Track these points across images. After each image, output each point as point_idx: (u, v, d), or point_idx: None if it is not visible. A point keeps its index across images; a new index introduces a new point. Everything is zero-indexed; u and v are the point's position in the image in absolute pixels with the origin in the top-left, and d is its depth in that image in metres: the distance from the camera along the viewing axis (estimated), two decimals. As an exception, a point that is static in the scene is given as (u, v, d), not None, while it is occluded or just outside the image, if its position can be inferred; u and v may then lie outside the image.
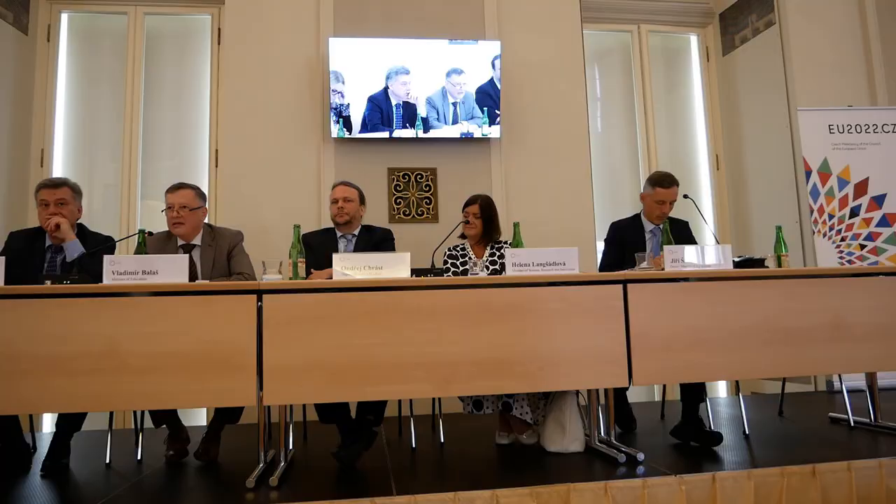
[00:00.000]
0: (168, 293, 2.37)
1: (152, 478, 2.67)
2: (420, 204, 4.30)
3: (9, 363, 2.27)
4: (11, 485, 2.60)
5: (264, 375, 2.35)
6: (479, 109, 4.26)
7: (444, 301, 2.48)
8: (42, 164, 4.64)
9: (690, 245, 2.95)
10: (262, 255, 3.29)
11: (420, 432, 3.15)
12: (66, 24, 4.86)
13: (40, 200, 2.96)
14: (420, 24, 4.39)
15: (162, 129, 4.83)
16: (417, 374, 2.42)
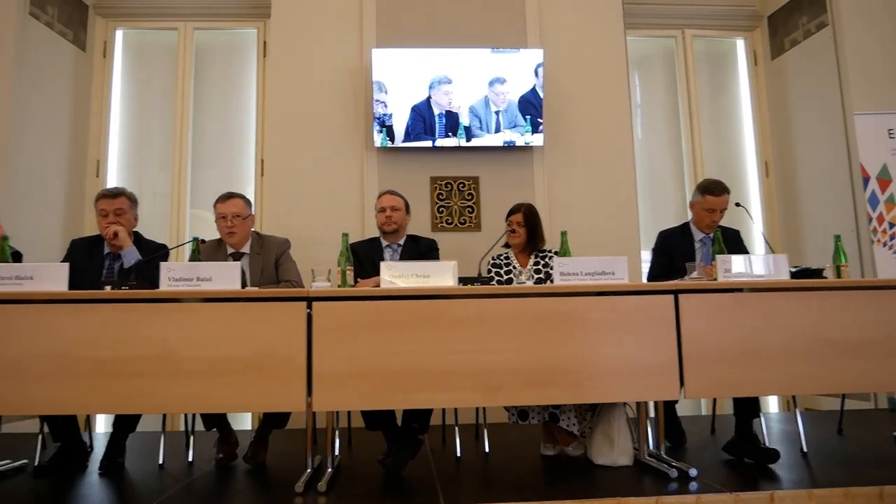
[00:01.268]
0: (221, 299, 2.42)
1: (203, 480, 2.72)
2: (462, 212, 4.30)
3: (72, 364, 2.35)
4: (71, 482, 2.68)
5: (313, 382, 2.37)
6: (521, 118, 4.26)
7: (491, 310, 2.47)
8: (98, 175, 4.80)
9: (744, 254, 2.88)
10: (306, 263, 3.36)
11: (464, 441, 3.14)
12: (121, 40, 5.03)
13: (100, 210, 3.06)
14: (462, 34, 4.42)
15: (210, 140, 4.95)
16: (464, 383, 2.42)
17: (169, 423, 3.20)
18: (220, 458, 2.94)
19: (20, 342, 2.37)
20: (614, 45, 4.56)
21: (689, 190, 4.95)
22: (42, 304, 2.42)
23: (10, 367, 2.35)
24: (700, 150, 5.05)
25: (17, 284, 2.46)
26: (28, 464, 2.94)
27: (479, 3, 4.48)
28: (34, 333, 2.39)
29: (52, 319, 2.40)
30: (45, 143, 4.45)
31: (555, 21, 4.52)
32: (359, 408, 2.66)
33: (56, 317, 2.40)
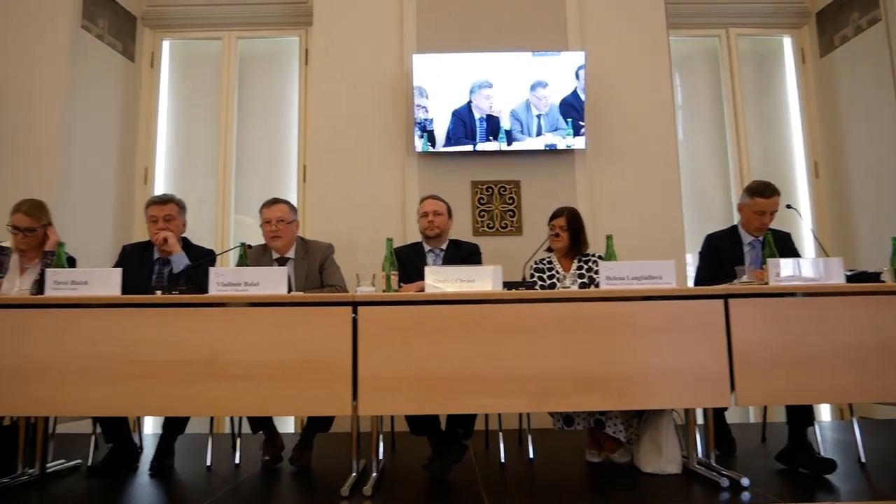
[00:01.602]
0: (268, 304, 2.45)
1: (250, 482, 2.75)
2: (504, 217, 4.28)
3: (124, 368, 2.40)
4: (123, 482, 2.75)
5: (359, 386, 2.38)
6: (563, 121, 4.22)
7: (536, 315, 2.45)
8: (146, 182, 4.92)
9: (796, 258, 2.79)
10: (348, 268, 3.39)
11: (507, 447, 3.11)
12: (168, 50, 5.15)
13: (150, 216, 3.14)
14: (502, 38, 4.40)
15: (253, 147, 5.03)
16: (511, 389, 2.40)
17: (216, 425, 3.25)
18: (266, 460, 2.98)
19: (75, 345, 2.44)
20: (657, 46, 4.50)
21: (734, 192, 4.84)
22: (96, 308, 2.49)
23: (65, 369, 2.42)
24: (746, 151, 4.94)
25: (73, 289, 2.53)
26: (82, 464, 3.03)
27: (519, 7, 4.46)
28: (88, 337, 2.45)
29: (106, 323, 2.46)
30: (96, 151, 4.58)
31: (596, 23, 4.48)
32: (404, 412, 2.66)
33: (109, 321, 2.46)
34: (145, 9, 5.09)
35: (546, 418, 3.11)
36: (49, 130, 4.30)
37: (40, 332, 2.46)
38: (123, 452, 2.98)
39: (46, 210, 3.17)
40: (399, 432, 3.44)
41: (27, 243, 3.10)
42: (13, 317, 2.47)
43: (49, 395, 2.43)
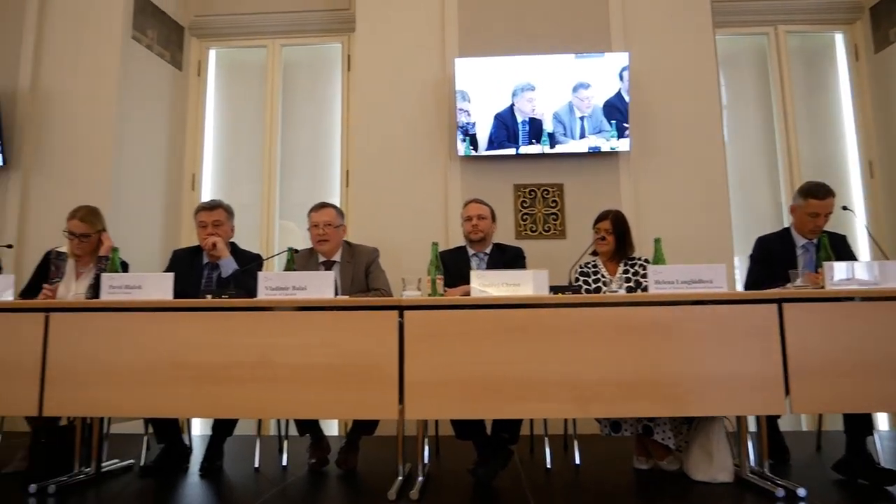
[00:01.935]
0: (316, 308, 2.47)
1: (298, 484, 2.78)
2: (547, 220, 4.25)
3: (176, 370, 2.46)
4: (174, 483, 2.81)
5: (405, 390, 2.39)
6: (606, 123, 4.17)
7: (583, 319, 2.42)
8: (193, 188, 5.03)
9: (852, 261, 2.70)
10: (391, 272, 3.40)
11: (553, 452, 3.08)
12: (214, 59, 5.27)
13: (199, 221, 3.21)
14: (545, 41, 4.37)
15: (297, 152, 5.10)
16: (558, 394, 2.38)
17: (262, 427, 3.29)
18: (312, 462, 3.01)
19: (129, 348, 2.51)
20: (703, 46, 4.41)
21: (784, 193, 4.72)
22: (149, 312, 2.55)
23: (119, 371, 2.48)
24: (796, 151, 4.80)
25: (127, 293, 2.60)
26: (135, 464, 3.10)
27: (561, 9, 4.43)
28: (141, 340, 2.51)
29: (158, 326, 2.52)
30: (146, 158, 4.70)
31: (640, 24, 4.41)
32: (450, 417, 2.66)
33: (162, 324, 2.52)
34: (192, 19, 5.22)
35: (592, 424, 3.07)
36: (102, 139, 4.44)
37: (96, 335, 2.53)
38: (174, 453, 3.04)
39: (101, 216, 3.27)
40: (443, 436, 3.44)
41: (82, 248, 3.20)
42: (70, 320, 2.55)
43: (104, 397, 2.50)
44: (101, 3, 4.55)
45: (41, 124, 4.51)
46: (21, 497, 2.49)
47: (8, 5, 4.59)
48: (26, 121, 4.49)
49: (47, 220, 4.33)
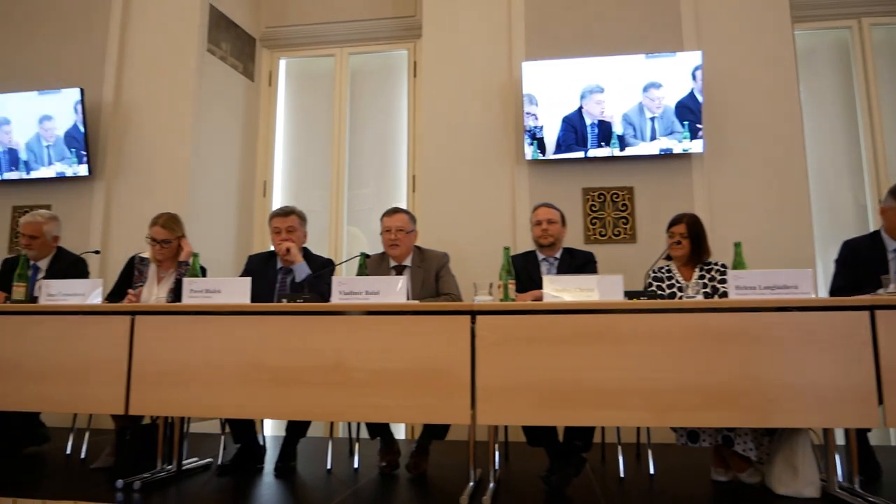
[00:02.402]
0: (389, 312, 2.49)
1: (369, 487, 2.81)
2: (616, 224, 4.17)
3: (253, 372, 2.52)
4: (250, 482, 2.88)
5: (477, 395, 2.38)
6: (678, 124, 4.06)
7: (660, 325, 2.35)
8: (265, 195, 5.18)
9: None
10: (458, 277, 3.40)
11: (626, 461, 3.01)
12: (284, 69, 5.41)
13: (273, 227, 3.29)
14: (613, 41, 4.30)
15: (364, 159, 5.18)
16: (633, 402, 2.32)
17: (334, 429, 3.34)
18: (383, 466, 3.03)
19: (208, 350, 2.58)
20: (781, 42, 4.24)
21: (869, 195, 4.48)
22: (228, 316, 2.62)
23: (199, 373, 2.56)
24: (883, 150, 4.55)
25: (207, 297, 2.68)
26: (212, 462, 3.19)
27: (630, 9, 4.35)
28: (220, 343, 2.59)
29: (237, 330, 2.59)
30: (220, 166, 4.87)
31: (713, 21, 4.28)
32: (523, 423, 2.63)
33: (240, 327, 2.59)
34: (263, 30, 5.37)
35: (666, 433, 2.99)
36: (179, 148, 4.62)
37: (178, 337, 2.62)
38: (250, 453, 3.12)
39: (180, 223, 3.39)
40: (512, 442, 3.41)
41: (163, 254, 3.33)
42: (154, 323, 2.65)
43: (185, 397, 2.58)
44: (179, 18, 4.75)
45: (123, 136, 4.73)
46: (109, 491, 2.61)
47: (93, 23, 4.84)
48: (109, 132, 4.71)
49: (129, 227, 4.54)
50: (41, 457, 3.39)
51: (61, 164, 4.66)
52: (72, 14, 4.90)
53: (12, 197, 4.84)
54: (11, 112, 4.72)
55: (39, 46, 4.91)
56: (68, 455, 3.37)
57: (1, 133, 4.74)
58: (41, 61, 4.86)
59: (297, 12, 5.32)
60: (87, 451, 3.34)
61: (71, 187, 4.73)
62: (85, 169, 4.61)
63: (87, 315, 2.74)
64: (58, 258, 3.61)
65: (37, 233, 3.52)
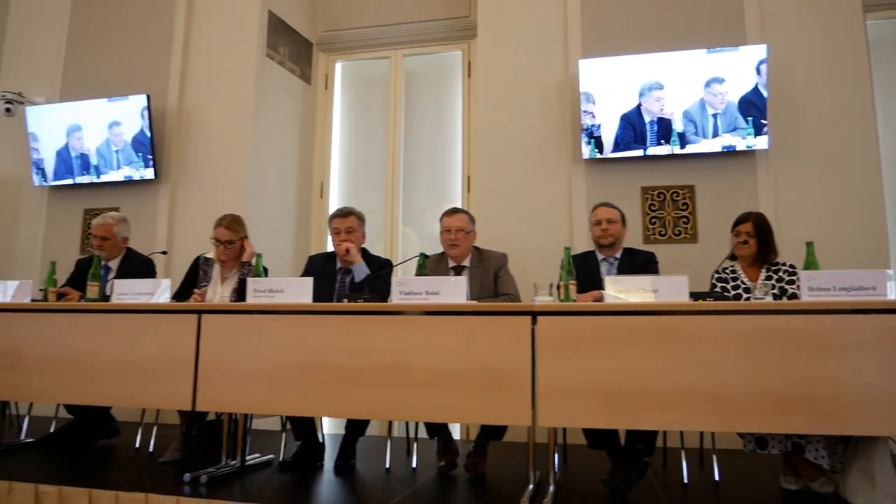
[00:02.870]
0: (448, 313, 2.49)
1: (428, 486, 2.82)
2: (677, 223, 4.07)
3: (315, 371, 2.56)
4: (311, 478, 2.94)
5: (538, 396, 2.35)
6: (742, 119, 3.94)
7: (728, 327, 2.28)
8: (321, 196, 5.26)
9: None
10: (516, 278, 3.37)
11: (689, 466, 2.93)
12: (340, 72, 5.49)
13: (333, 228, 3.34)
14: (673, 37, 4.19)
15: (419, 159, 5.21)
16: (699, 405, 2.26)
17: (392, 428, 3.37)
18: (441, 466, 3.03)
19: (271, 349, 2.64)
20: (852, 32, 4.06)
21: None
22: (290, 315, 2.67)
23: (262, 370, 2.62)
24: (963, 145, 4.32)
25: (270, 297, 2.74)
26: (274, 458, 3.25)
27: (690, 3, 4.23)
28: (283, 342, 2.64)
29: (299, 329, 2.64)
30: (278, 168, 4.97)
31: (779, 12, 4.13)
32: (585, 425, 2.59)
33: (302, 327, 2.64)
34: (320, 34, 5.46)
35: (732, 438, 2.91)
36: (239, 151, 4.74)
37: (242, 336, 2.69)
38: (310, 450, 3.17)
39: (243, 224, 3.47)
40: (571, 444, 3.36)
41: (227, 254, 3.41)
42: (220, 321, 2.73)
43: (249, 394, 2.64)
44: (239, 25, 4.87)
45: (186, 140, 4.88)
46: (177, 485, 2.68)
47: (158, 33, 5.01)
48: (174, 137, 4.87)
49: (192, 228, 4.68)
50: (112, 450, 3.53)
51: (129, 167, 4.83)
52: (138, 24, 5.08)
53: (83, 200, 5.05)
54: (83, 119, 4.92)
55: (109, 56, 5.10)
56: (137, 448, 3.49)
57: (73, 139, 4.95)
58: (110, 70, 5.06)
59: (353, 16, 5.39)
60: (154, 445, 3.45)
61: (138, 190, 4.91)
62: (151, 172, 4.77)
63: (156, 314, 2.83)
64: (127, 258, 3.74)
65: (108, 234, 3.66)
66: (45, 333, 2.94)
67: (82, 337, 2.89)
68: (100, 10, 5.21)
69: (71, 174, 4.99)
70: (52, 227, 5.09)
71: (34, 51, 5.38)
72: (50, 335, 2.93)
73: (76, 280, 3.64)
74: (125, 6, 5.15)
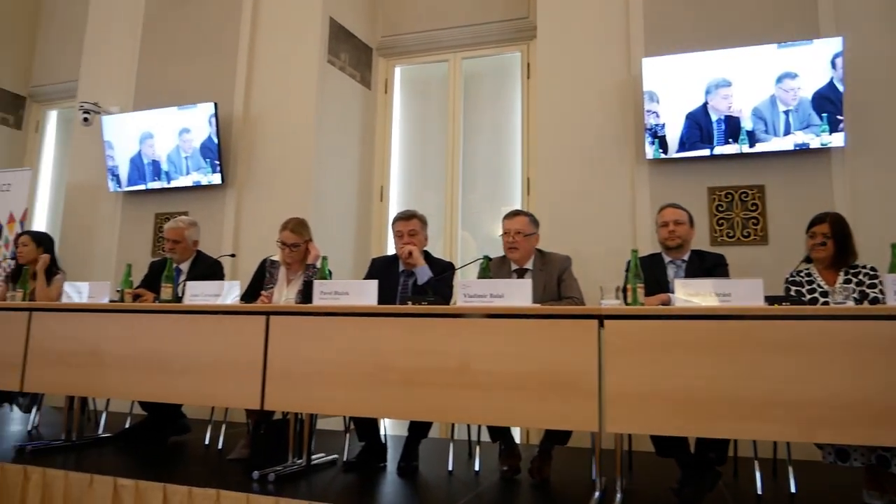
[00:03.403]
0: (514, 316, 2.47)
1: (492, 490, 2.80)
2: (746, 225, 3.94)
3: (380, 372, 2.57)
4: (374, 479, 2.96)
5: (605, 402, 2.31)
6: (815, 116, 3.78)
7: (806, 333, 2.18)
8: (381, 199, 5.32)
9: None
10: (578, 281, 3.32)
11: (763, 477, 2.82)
12: (399, 76, 5.55)
13: (396, 231, 3.37)
14: (741, 32, 4.06)
15: (478, 162, 5.20)
16: (776, 414, 2.17)
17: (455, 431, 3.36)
18: (504, 470, 3.01)
19: (337, 350, 2.67)
20: (936, 22, 3.85)
21: None
22: (356, 317, 2.70)
23: (327, 371, 2.65)
24: None
25: (336, 299, 2.77)
26: (338, 458, 3.29)
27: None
28: (349, 343, 2.67)
29: (364, 331, 2.66)
30: (340, 172, 5.05)
31: (854, 3, 3.94)
32: (655, 432, 2.52)
33: (367, 329, 2.66)
34: (380, 40, 5.53)
35: (809, 449, 2.79)
36: (303, 156, 4.84)
37: (309, 337, 2.73)
38: (374, 451, 3.20)
39: (308, 227, 3.54)
40: (635, 451, 3.29)
41: (292, 257, 3.48)
42: (288, 323, 2.78)
43: (316, 395, 2.69)
44: (302, 33, 4.97)
45: (252, 145, 5.02)
46: (245, 482, 2.74)
47: (225, 42, 5.17)
48: (240, 143, 5.01)
49: (257, 231, 4.80)
50: (183, 446, 3.64)
51: (197, 173, 5.00)
52: (206, 36, 5.26)
53: (155, 204, 5.25)
54: (155, 127, 5.12)
55: (179, 67, 5.29)
56: (206, 445, 3.59)
57: (146, 146, 5.16)
58: (180, 80, 5.25)
59: (412, 20, 5.43)
60: (223, 443, 3.54)
61: (205, 195, 5.07)
62: (218, 178, 4.92)
63: (227, 315, 2.91)
64: (197, 261, 3.87)
65: (179, 237, 3.79)
66: (123, 333, 3.06)
67: (157, 337, 2.99)
68: (170, 24, 5.42)
69: (143, 180, 5.19)
70: (126, 231, 5.32)
71: (109, 64, 5.63)
72: (127, 335, 3.05)
73: (150, 281, 3.79)
74: (193, 20, 5.34)
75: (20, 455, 3.13)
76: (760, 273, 3.01)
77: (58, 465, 2.91)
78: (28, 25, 6.71)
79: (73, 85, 5.90)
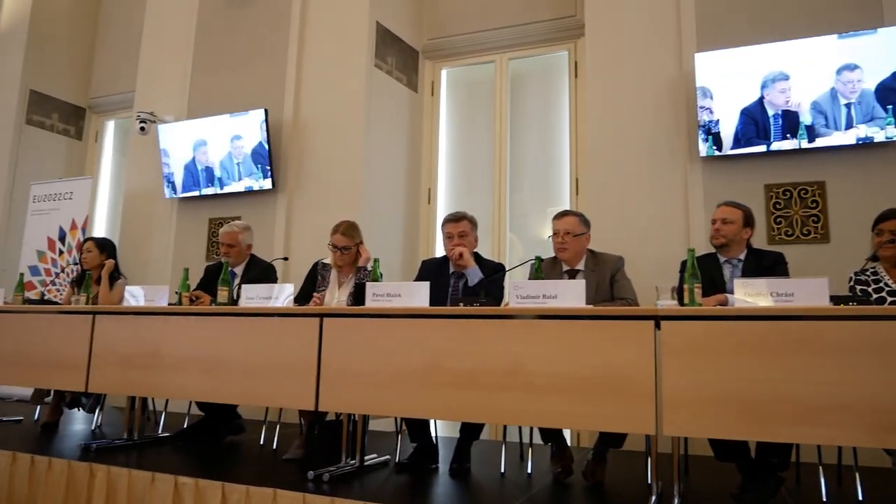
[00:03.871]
0: (567, 317, 2.45)
1: (545, 493, 2.77)
2: (805, 222, 3.81)
3: (432, 374, 2.58)
4: (426, 481, 2.96)
5: (663, 405, 2.26)
6: (880, 108, 3.63)
7: (875, 334, 2.10)
8: (429, 202, 5.34)
9: None
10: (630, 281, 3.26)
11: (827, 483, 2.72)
12: (445, 78, 5.56)
13: (446, 233, 3.37)
14: (798, 23, 3.93)
15: (526, 163, 5.18)
16: (844, 418, 2.09)
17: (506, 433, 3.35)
18: (558, 472, 2.97)
19: (390, 352, 2.69)
20: None
21: None
22: (408, 319, 2.71)
23: (380, 372, 2.67)
24: None
25: (388, 301, 2.79)
26: (390, 459, 3.31)
27: (816, -15, 3.97)
28: (401, 345, 2.69)
29: (417, 333, 2.68)
30: (388, 175, 5.09)
31: (921, -11, 3.79)
32: (715, 436, 2.46)
33: (420, 330, 2.67)
34: (425, 42, 5.55)
35: (876, 455, 2.68)
36: (352, 160, 4.89)
37: (362, 339, 2.76)
38: (425, 452, 3.20)
39: (359, 230, 3.58)
40: (692, 455, 3.21)
41: (343, 260, 3.52)
42: (341, 325, 2.81)
43: (369, 396, 2.71)
44: (349, 38, 5.04)
45: (301, 151, 5.10)
46: (301, 482, 2.78)
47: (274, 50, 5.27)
48: (290, 148, 5.10)
49: (308, 235, 4.88)
50: (238, 446, 3.72)
51: (249, 178, 5.11)
52: (255, 44, 5.38)
53: (208, 210, 5.39)
54: (208, 134, 5.25)
55: (230, 75, 5.43)
56: (262, 445, 3.66)
57: (199, 153, 5.30)
58: (231, 87, 5.38)
59: (457, 22, 5.44)
60: (277, 443, 3.60)
61: (257, 200, 5.18)
62: (269, 183, 5.02)
63: (281, 317, 2.96)
64: (251, 264, 3.95)
65: (233, 241, 3.88)
66: (181, 335, 3.15)
67: (214, 339, 3.07)
68: (220, 35, 5.56)
69: (197, 186, 5.34)
70: (181, 236, 5.47)
71: (164, 75, 5.82)
72: (185, 337, 3.14)
73: (205, 285, 3.88)
74: (243, 29, 5.47)
75: (86, 453, 3.24)
76: (821, 272, 2.90)
77: (121, 463, 3.00)
78: (87, 40, 6.98)
79: (129, 96, 6.12)
